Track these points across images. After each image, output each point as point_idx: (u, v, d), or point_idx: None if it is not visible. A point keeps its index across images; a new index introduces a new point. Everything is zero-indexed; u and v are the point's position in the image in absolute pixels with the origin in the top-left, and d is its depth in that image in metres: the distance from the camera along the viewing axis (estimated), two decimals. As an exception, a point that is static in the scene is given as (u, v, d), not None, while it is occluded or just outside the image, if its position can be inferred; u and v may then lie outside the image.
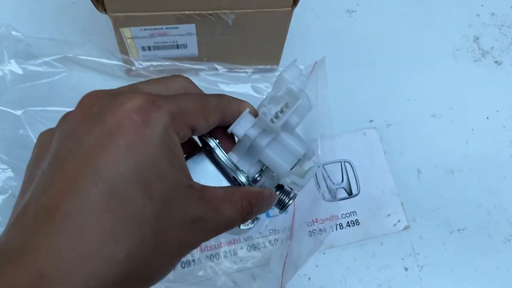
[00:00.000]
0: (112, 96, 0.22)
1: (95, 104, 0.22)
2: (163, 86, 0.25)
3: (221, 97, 0.27)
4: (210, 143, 0.27)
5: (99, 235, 0.19)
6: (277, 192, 0.30)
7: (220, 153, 0.27)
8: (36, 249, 0.18)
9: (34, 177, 0.21)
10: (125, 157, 0.20)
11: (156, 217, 0.21)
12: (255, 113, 0.28)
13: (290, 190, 0.31)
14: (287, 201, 0.30)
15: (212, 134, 0.27)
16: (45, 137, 0.23)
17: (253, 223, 0.29)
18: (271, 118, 0.26)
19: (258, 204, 0.26)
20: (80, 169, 0.19)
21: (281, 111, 0.26)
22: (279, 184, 0.30)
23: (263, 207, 0.27)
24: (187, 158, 0.28)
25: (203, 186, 0.24)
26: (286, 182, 0.28)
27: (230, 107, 0.27)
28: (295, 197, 0.31)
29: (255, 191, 0.26)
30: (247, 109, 0.27)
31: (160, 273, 0.22)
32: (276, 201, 0.30)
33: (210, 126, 0.25)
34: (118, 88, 0.24)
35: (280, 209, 0.31)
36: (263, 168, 0.29)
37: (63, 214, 0.19)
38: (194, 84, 0.27)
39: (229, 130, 0.27)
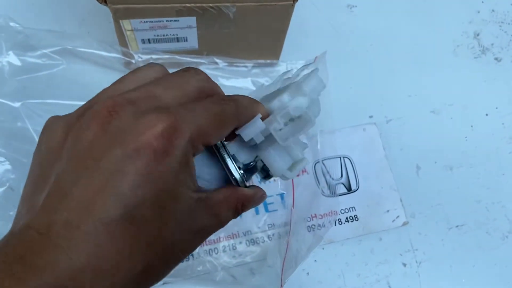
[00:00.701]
0: (133, 111, 0.21)
1: (115, 118, 0.21)
2: (180, 91, 0.24)
3: (238, 102, 0.26)
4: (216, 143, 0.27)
5: (116, 256, 0.20)
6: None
7: (224, 154, 0.26)
8: (56, 263, 0.19)
9: (48, 176, 0.21)
10: (144, 183, 0.20)
11: (168, 237, 0.22)
12: (266, 116, 0.27)
13: None
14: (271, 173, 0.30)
15: None
16: (56, 130, 0.23)
17: None
18: (280, 129, 0.26)
19: (250, 205, 0.27)
20: (100, 191, 0.20)
21: (289, 123, 0.26)
22: None
23: (253, 206, 0.29)
24: None
25: (206, 193, 0.24)
26: (276, 175, 0.28)
27: (246, 114, 0.26)
28: None
29: (249, 195, 0.27)
30: (259, 115, 0.26)
31: (159, 278, 0.24)
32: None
33: (224, 137, 0.26)
34: (135, 92, 0.23)
35: (262, 178, 0.30)
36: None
37: (82, 233, 0.19)
38: (210, 80, 0.26)
39: (237, 132, 0.26)
